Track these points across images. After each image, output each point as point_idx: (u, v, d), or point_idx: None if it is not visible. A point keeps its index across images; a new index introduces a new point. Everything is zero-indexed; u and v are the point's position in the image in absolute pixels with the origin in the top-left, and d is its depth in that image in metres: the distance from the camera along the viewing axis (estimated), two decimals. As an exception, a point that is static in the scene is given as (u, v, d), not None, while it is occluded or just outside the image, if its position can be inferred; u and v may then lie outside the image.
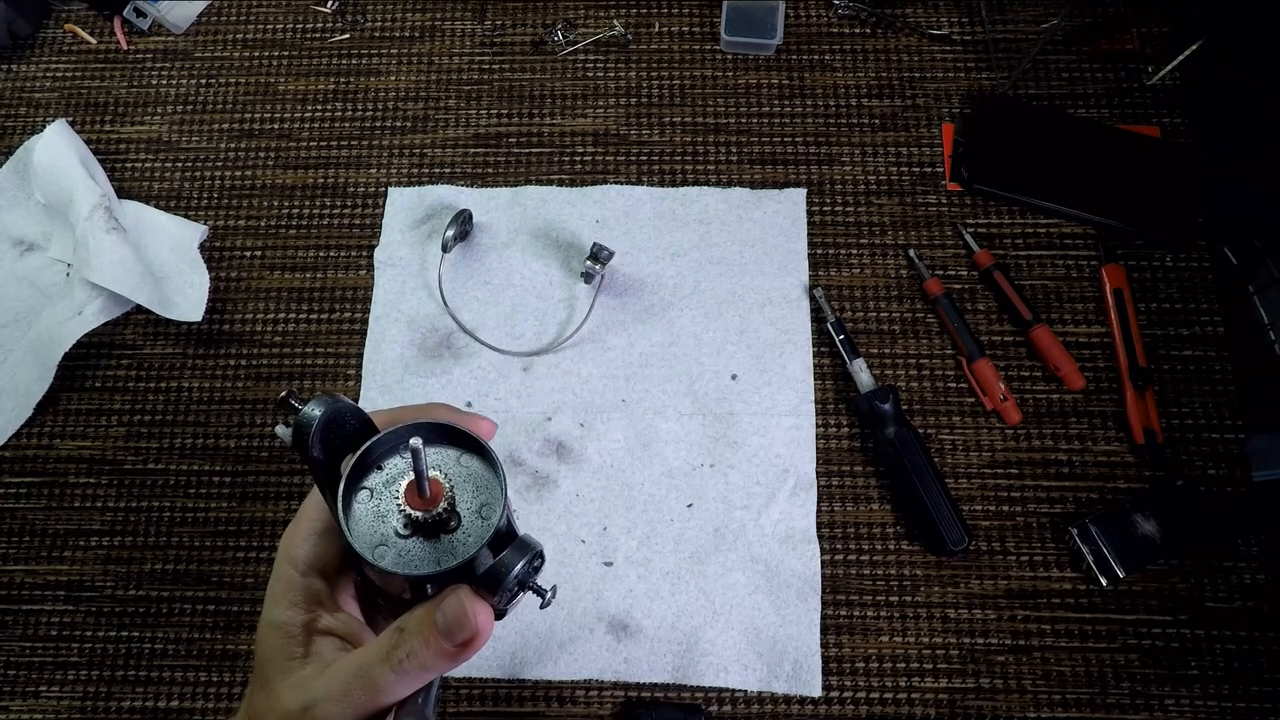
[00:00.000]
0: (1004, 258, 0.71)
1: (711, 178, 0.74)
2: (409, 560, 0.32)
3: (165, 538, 0.67)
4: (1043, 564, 0.64)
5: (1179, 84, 0.75)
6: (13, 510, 0.68)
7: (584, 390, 0.69)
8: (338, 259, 0.74)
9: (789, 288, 0.71)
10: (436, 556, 0.32)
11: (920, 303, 0.70)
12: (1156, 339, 0.69)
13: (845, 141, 0.75)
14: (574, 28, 0.79)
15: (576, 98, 0.77)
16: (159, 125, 0.78)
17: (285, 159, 0.77)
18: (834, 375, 0.69)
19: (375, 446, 0.34)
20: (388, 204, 0.75)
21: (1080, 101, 0.75)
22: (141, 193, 0.76)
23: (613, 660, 0.62)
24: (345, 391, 0.70)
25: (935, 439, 0.67)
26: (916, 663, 0.62)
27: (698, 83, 0.77)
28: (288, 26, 0.81)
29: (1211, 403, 0.67)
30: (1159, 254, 0.71)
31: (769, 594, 0.63)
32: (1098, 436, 0.67)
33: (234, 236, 0.75)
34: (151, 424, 0.70)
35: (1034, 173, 0.72)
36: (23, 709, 0.64)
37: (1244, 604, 0.62)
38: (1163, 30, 0.77)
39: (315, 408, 0.32)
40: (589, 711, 0.62)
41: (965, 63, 0.77)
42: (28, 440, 0.70)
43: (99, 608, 0.66)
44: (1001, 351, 0.69)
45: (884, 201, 0.73)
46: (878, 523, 0.65)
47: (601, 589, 0.64)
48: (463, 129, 0.77)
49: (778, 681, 0.61)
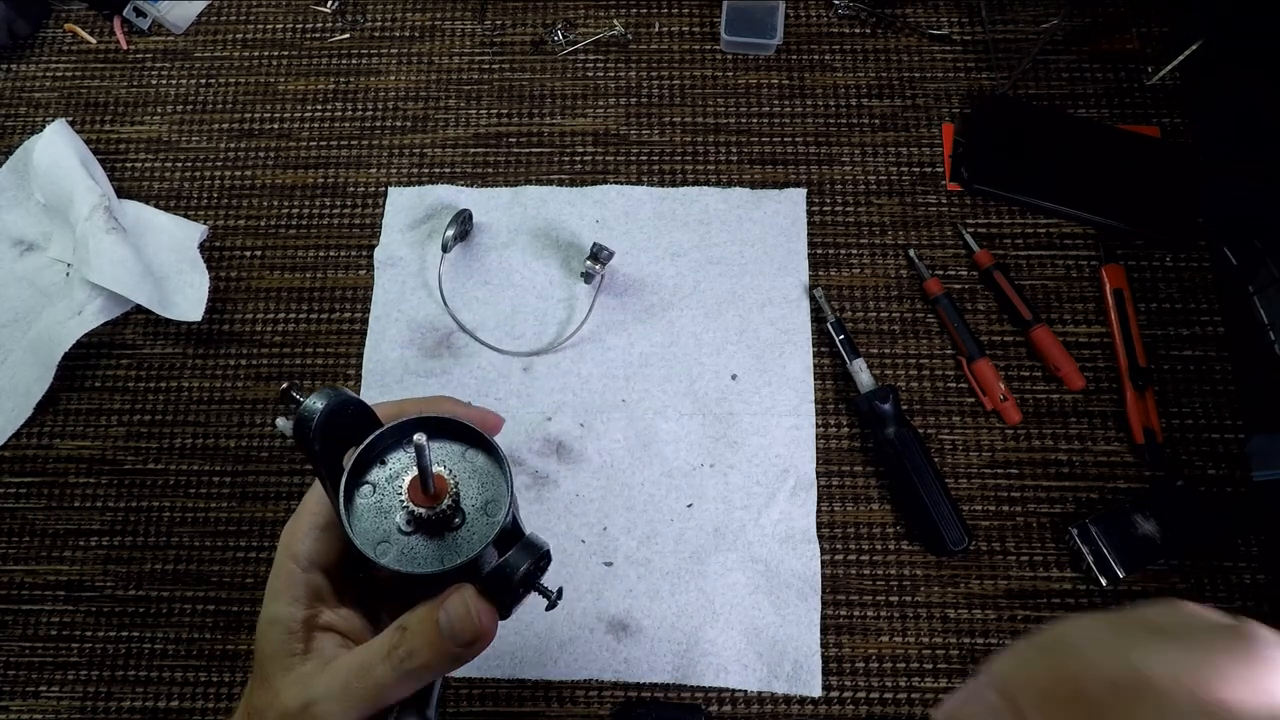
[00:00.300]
0: (1004, 258, 0.71)
1: (711, 178, 0.74)
2: (412, 558, 0.31)
3: (165, 538, 0.67)
4: (1043, 564, 0.64)
5: (1179, 84, 0.75)
6: (13, 510, 0.68)
7: (584, 390, 0.69)
8: (338, 259, 0.74)
9: (789, 288, 0.71)
10: (440, 554, 0.31)
11: (920, 303, 0.70)
12: (1156, 339, 0.69)
13: (845, 141, 0.75)
14: (574, 28, 0.79)
15: (576, 98, 0.77)
16: (159, 125, 0.78)
17: (285, 159, 0.77)
18: (834, 375, 0.69)
19: (378, 440, 0.33)
20: (388, 204, 0.75)
21: (1080, 101, 0.75)
22: (141, 193, 0.76)
23: (612, 660, 0.62)
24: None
25: (935, 439, 0.67)
26: (916, 663, 0.62)
27: (698, 83, 0.77)
28: (288, 26, 0.81)
29: (1211, 403, 0.67)
30: (1159, 254, 0.71)
31: (769, 594, 0.63)
32: (1098, 436, 0.67)
33: (234, 236, 0.75)
34: (151, 424, 0.70)
35: (1034, 173, 0.72)
36: (23, 709, 0.64)
37: (1244, 604, 0.62)
38: (1163, 30, 0.77)
39: (317, 400, 0.31)
40: (589, 711, 0.62)
41: (965, 63, 0.77)
42: (28, 440, 0.70)
43: (99, 608, 0.66)
44: (1001, 351, 0.69)
45: (884, 201, 0.73)
46: (878, 523, 0.65)
47: (601, 589, 0.64)
48: (463, 129, 0.77)
49: (778, 681, 0.61)
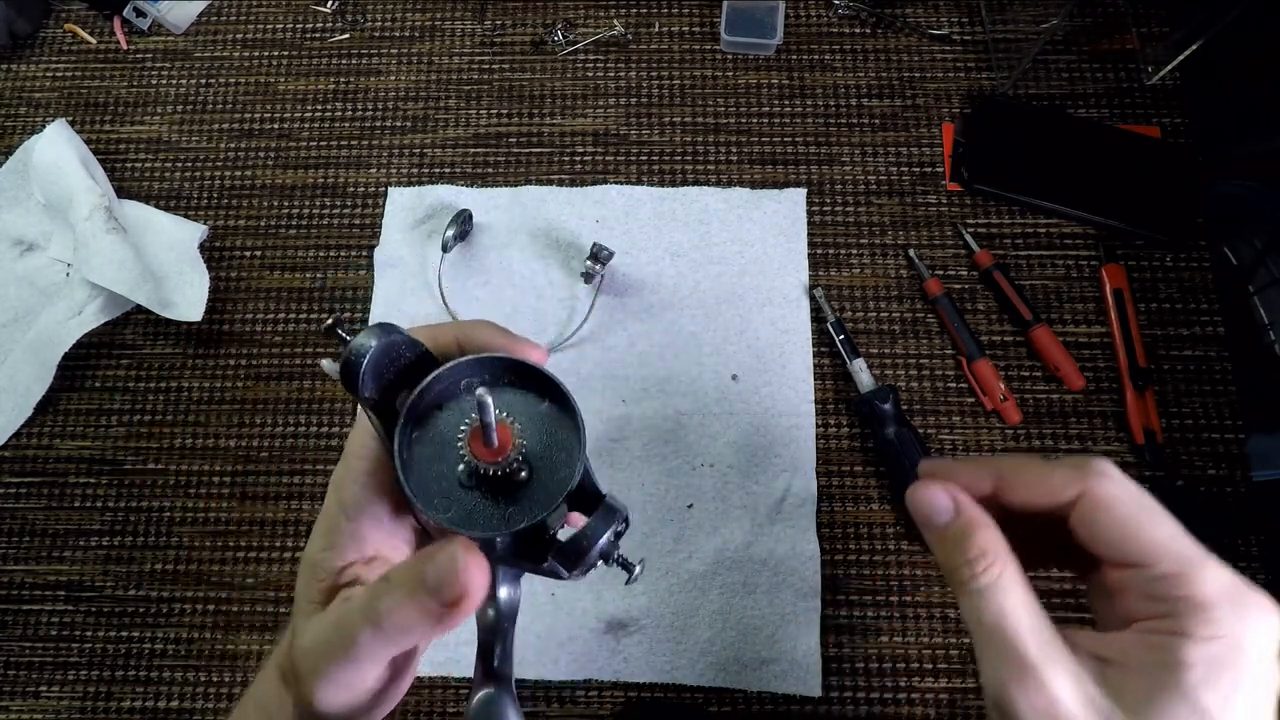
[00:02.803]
0: (1004, 258, 0.71)
1: (711, 178, 0.74)
2: (473, 517, 0.28)
3: (165, 538, 0.67)
4: (1043, 564, 0.64)
5: (1179, 84, 0.75)
6: (13, 510, 0.68)
7: (584, 390, 0.69)
8: (338, 259, 0.74)
9: (789, 288, 0.71)
10: (505, 514, 0.28)
11: (920, 303, 0.70)
12: (1156, 339, 0.69)
13: (845, 141, 0.75)
14: (574, 28, 0.79)
15: (576, 98, 0.77)
16: (159, 125, 0.78)
17: (285, 159, 0.77)
18: (834, 375, 0.69)
19: (434, 383, 0.29)
20: (388, 204, 0.75)
21: (1080, 101, 0.75)
22: (141, 193, 0.76)
23: (612, 660, 0.62)
24: (345, 392, 0.70)
25: (935, 439, 0.67)
26: (916, 663, 0.62)
27: (698, 83, 0.77)
28: (288, 26, 0.81)
29: (1211, 403, 0.67)
30: (1159, 254, 0.71)
31: (769, 594, 0.63)
32: (1098, 436, 0.67)
33: (234, 236, 0.75)
34: (151, 424, 0.70)
35: (1034, 173, 0.72)
36: (23, 709, 0.64)
37: (1244, 604, 0.62)
38: (1163, 30, 0.76)
39: (368, 339, 0.28)
40: (589, 711, 0.62)
41: (965, 63, 0.77)
42: (28, 440, 0.70)
43: (99, 608, 0.66)
44: (1001, 351, 0.69)
45: (884, 201, 0.73)
46: (878, 523, 0.65)
47: (601, 589, 0.64)
48: (463, 129, 0.77)
49: (778, 682, 0.61)
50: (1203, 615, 0.25)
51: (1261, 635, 0.25)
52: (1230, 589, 0.25)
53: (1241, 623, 0.25)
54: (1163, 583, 0.26)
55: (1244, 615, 0.25)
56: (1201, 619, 0.25)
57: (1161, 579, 0.26)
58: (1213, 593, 0.25)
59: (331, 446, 0.69)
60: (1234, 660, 0.24)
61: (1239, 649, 0.25)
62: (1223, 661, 0.24)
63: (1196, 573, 0.25)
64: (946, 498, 0.29)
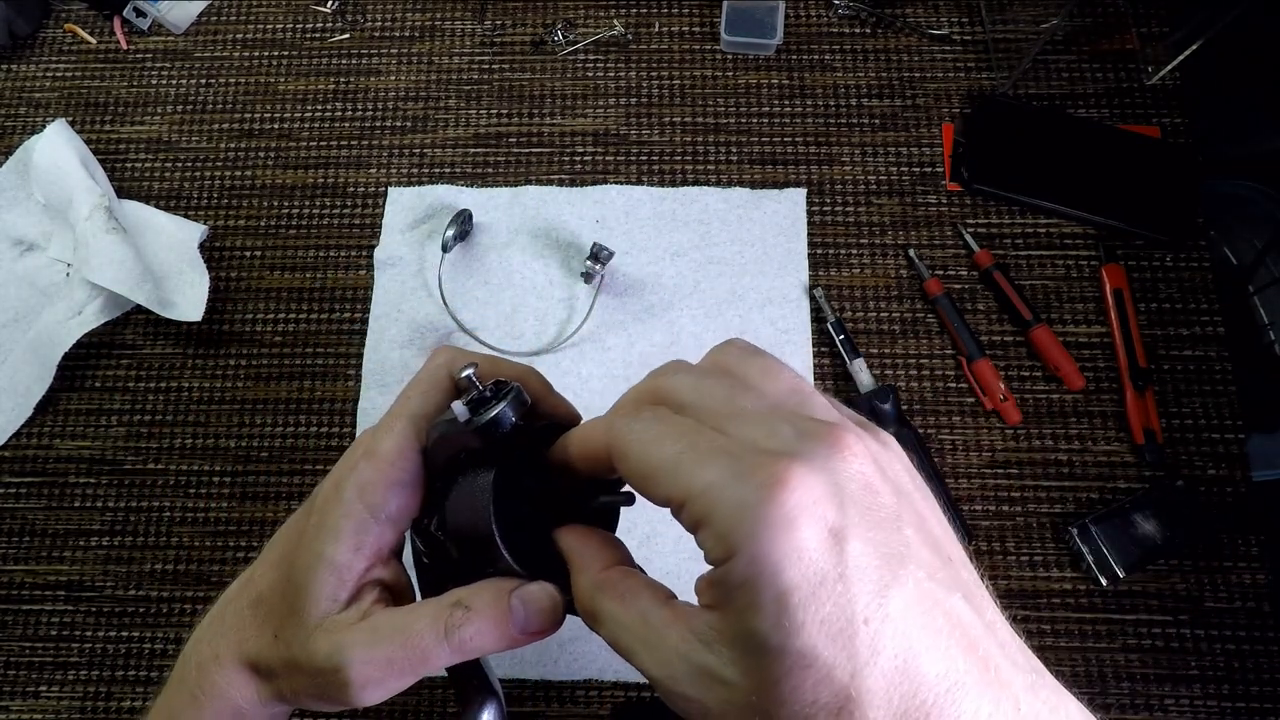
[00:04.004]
0: (1004, 258, 0.71)
1: (711, 178, 0.74)
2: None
3: (165, 538, 0.67)
4: (1043, 564, 0.64)
5: (1179, 84, 0.75)
6: (13, 510, 0.68)
7: (584, 390, 0.69)
8: (338, 259, 0.74)
9: (789, 288, 0.71)
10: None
11: (920, 303, 0.70)
12: (1156, 339, 0.69)
13: (845, 141, 0.75)
14: (574, 28, 0.79)
15: (576, 98, 0.77)
16: (159, 125, 0.78)
17: (285, 159, 0.77)
18: (834, 375, 0.69)
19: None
20: (388, 204, 0.75)
21: (1080, 101, 0.75)
22: (141, 193, 0.76)
23: (613, 660, 0.62)
24: (345, 391, 0.70)
25: (935, 439, 0.67)
26: (916, 663, 0.62)
27: (698, 83, 0.77)
28: (288, 26, 0.81)
29: (1211, 403, 0.67)
30: (1159, 254, 0.71)
31: (769, 594, 0.63)
32: (1098, 436, 0.67)
33: (234, 236, 0.75)
34: (151, 424, 0.70)
35: (1034, 173, 0.72)
36: (23, 709, 0.64)
37: (1244, 604, 0.62)
38: (1163, 30, 0.76)
39: (509, 411, 0.29)
40: (589, 711, 0.62)
41: (965, 63, 0.77)
42: (28, 440, 0.70)
43: (99, 608, 0.66)
44: (1001, 351, 0.69)
45: (884, 201, 0.73)
46: (878, 523, 0.65)
47: (601, 589, 0.64)
48: (463, 129, 0.77)
49: (778, 681, 0.61)
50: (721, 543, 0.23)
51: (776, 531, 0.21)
52: (736, 504, 0.22)
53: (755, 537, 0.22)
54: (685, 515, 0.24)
55: (755, 527, 0.22)
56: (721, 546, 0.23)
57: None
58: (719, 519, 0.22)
59: (332, 447, 0.69)
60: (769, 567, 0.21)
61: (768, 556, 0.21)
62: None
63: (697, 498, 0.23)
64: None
